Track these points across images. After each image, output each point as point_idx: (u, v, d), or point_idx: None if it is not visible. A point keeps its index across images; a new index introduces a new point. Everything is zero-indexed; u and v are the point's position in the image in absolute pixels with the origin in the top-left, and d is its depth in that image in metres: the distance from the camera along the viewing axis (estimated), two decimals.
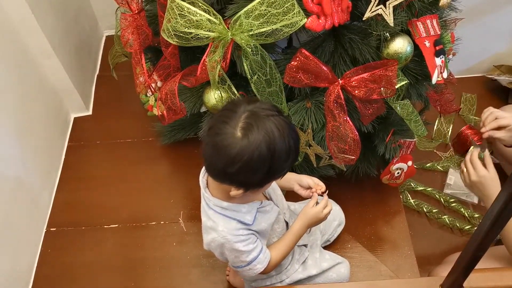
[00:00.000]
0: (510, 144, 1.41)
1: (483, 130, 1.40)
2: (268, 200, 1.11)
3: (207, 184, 1.04)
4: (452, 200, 1.71)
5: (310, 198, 1.14)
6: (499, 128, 1.38)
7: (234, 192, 0.93)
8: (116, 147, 1.75)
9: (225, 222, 1.01)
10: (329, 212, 1.13)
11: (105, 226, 1.56)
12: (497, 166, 1.73)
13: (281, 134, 0.87)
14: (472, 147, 1.78)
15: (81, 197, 1.63)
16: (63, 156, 1.74)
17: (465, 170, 1.37)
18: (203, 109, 1.33)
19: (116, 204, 1.60)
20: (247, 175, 0.89)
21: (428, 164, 1.81)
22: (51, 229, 1.57)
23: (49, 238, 1.55)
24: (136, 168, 1.69)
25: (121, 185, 1.65)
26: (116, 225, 1.55)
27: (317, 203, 1.13)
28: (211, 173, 0.95)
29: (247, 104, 0.89)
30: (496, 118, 1.37)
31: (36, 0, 1.48)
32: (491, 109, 1.39)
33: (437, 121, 1.87)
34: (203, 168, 1.04)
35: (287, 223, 1.20)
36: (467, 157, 1.38)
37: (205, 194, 1.03)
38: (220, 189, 0.99)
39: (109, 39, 2.09)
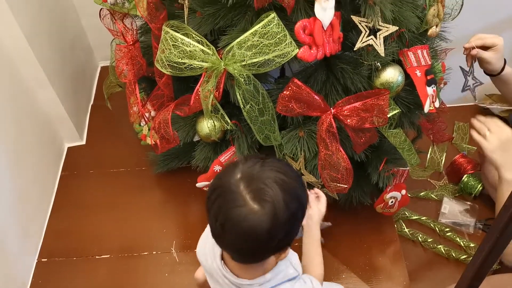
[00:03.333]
0: (495, 70, 1.30)
1: (466, 45, 1.28)
2: None
3: (234, 274, 0.95)
4: (447, 229, 1.70)
5: None
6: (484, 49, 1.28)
7: (283, 254, 0.89)
8: (109, 177, 1.74)
9: None
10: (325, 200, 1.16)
11: (97, 257, 1.53)
12: (487, 197, 1.74)
13: (285, 172, 0.83)
14: (465, 176, 1.79)
15: (73, 227, 1.61)
16: (56, 186, 1.73)
17: (487, 132, 1.22)
18: (196, 138, 1.34)
19: (109, 233, 1.58)
20: (290, 231, 0.84)
21: (422, 193, 1.81)
22: (42, 259, 1.55)
23: (40, 269, 1.52)
24: (129, 197, 1.67)
25: (114, 215, 1.63)
26: (108, 255, 1.53)
27: None
28: (249, 260, 0.89)
29: (232, 174, 0.82)
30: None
31: (33, 31, 1.49)
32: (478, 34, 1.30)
33: (430, 149, 1.88)
34: (217, 264, 0.97)
35: None
36: (478, 120, 1.24)
37: (242, 284, 0.93)
38: (257, 268, 0.93)
39: (104, 69, 2.11)
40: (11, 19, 1.38)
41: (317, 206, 1.16)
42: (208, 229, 1.06)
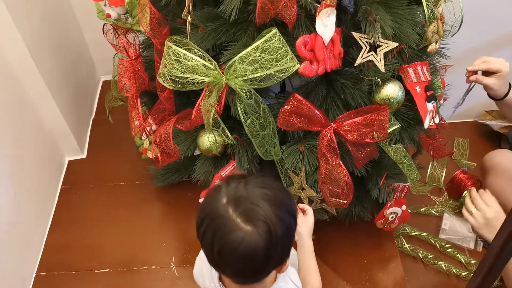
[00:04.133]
0: (498, 95, 1.30)
1: (469, 68, 1.28)
2: None
3: None
4: (448, 245, 1.69)
5: None
6: (488, 75, 1.26)
7: (285, 266, 0.88)
8: (110, 190, 1.74)
9: None
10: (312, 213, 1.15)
11: (95, 271, 1.52)
12: None
13: (268, 185, 0.83)
14: (465, 192, 1.79)
15: (72, 241, 1.61)
16: (56, 199, 1.73)
17: (473, 210, 1.28)
18: (196, 152, 1.34)
19: (108, 247, 1.58)
20: (287, 243, 0.84)
21: (422, 209, 1.80)
22: (41, 273, 1.54)
23: (39, 283, 1.51)
24: (128, 211, 1.67)
25: (113, 229, 1.63)
26: (107, 270, 1.52)
27: None
28: (251, 279, 0.88)
29: (218, 200, 0.81)
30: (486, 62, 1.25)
31: (36, 45, 1.51)
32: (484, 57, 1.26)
33: (430, 165, 1.88)
34: (215, 286, 0.96)
35: None
36: (469, 197, 1.31)
37: None
38: (257, 286, 0.92)
39: (105, 84, 2.12)
40: (15, 33, 1.40)
41: (303, 221, 1.14)
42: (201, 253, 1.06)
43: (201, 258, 1.05)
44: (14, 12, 1.38)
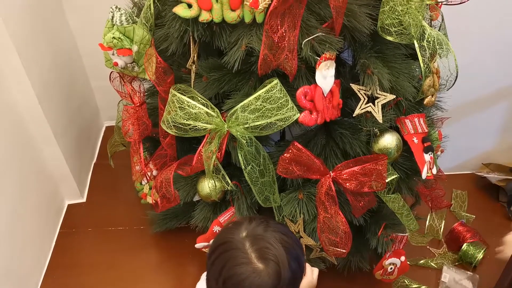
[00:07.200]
0: None
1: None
2: None
3: None
4: None
5: None
6: None
7: None
8: (108, 235, 1.73)
9: None
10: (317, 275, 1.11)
11: None
12: (487, 266, 1.72)
13: (287, 233, 0.85)
14: (464, 244, 1.78)
15: (67, 286, 1.59)
16: (54, 243, 1.71)
17: None
18: (196, 198, 1.35)
19: None
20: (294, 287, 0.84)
21: (421, 261, 1.78)
22: None
23: None
24: (125, 256, 1.66)
25: (109, 274, 1.61)
26: None
27: None
28: None
29: (237, 232, 0.83)
30: None
31: (44, 91, 1.55)
32: None
33: (428, 216, 1.88)
34: None
35: None
36: None
37: None
38: None
39: (108, 129, 2.15)
40: (25, 80, 1.44)
41: (309, 276, 1.12)
42: (199, 284, 1.05)
43: None
44: (25, 60, 1.42)
